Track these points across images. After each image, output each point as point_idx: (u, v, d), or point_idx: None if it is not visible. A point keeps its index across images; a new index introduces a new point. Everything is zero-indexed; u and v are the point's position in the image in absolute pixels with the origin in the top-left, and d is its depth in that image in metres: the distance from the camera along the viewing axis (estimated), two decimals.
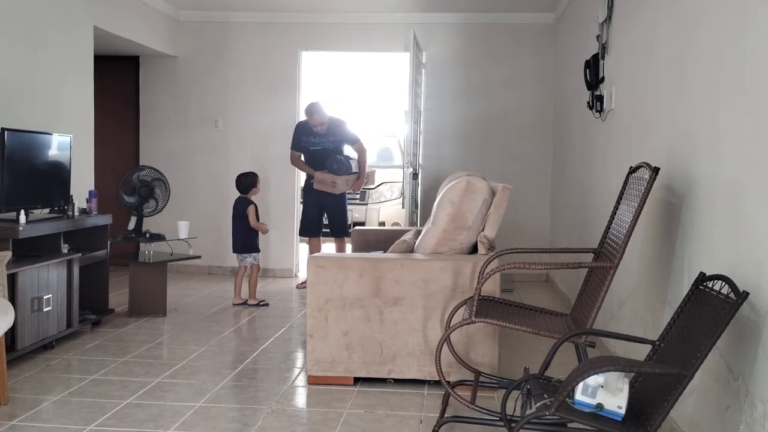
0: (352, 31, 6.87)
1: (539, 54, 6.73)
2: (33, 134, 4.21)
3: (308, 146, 6.16)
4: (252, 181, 5.50)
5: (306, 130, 6.15)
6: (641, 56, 3.53)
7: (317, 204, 6.23)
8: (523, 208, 6.58)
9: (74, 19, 5.16)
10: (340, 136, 6.19)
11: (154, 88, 7.02)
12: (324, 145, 6.12)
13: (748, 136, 2.23)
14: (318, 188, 6.06)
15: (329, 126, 6.11)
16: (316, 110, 6.05)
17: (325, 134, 6.08)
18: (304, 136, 6.17)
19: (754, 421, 2.09)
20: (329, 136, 6.11)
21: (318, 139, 6.12)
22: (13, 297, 3.65)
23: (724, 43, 2.47)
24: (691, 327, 2.21)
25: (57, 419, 3.03)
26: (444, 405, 3.02)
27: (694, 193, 2.69)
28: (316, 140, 6.13)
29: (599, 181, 4.44)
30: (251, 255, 5.48)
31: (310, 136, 6.12)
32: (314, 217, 6.28)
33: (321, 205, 6.25)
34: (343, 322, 3.45)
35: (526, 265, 2.79)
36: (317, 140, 6.12)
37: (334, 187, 6.02)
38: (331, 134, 6.11)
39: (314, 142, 6.15)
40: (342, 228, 6.30)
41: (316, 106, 6.05)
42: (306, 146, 6.18)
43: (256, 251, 5.51)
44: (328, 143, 6.13)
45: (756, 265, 2.13)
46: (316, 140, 6.13)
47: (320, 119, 6.02)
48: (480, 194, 3.50)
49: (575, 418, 2.06)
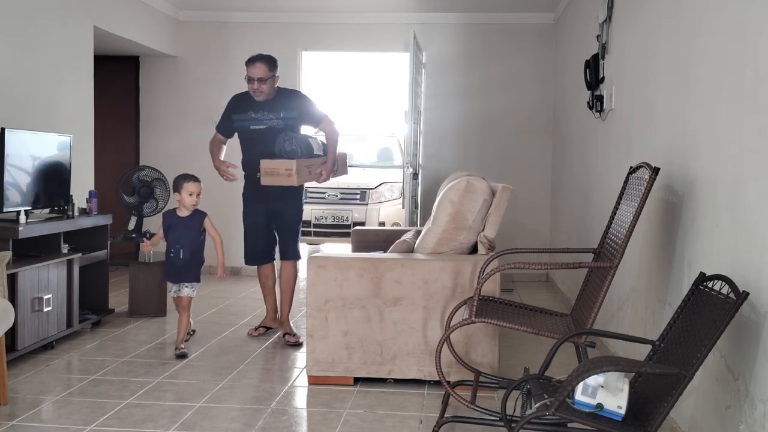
0: (352, 31, 6.87)
1: (539, 54, 6.73)
2: (33, 134, 4.20)
3: (246, 125, 4.29)
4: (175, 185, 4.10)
5: (244, 103, 4.33)
6: (641, 56, 3.53)
7: (265, 214, 4.39)
8: (523, 208, 6.58)
9: (74, 19, 5.15)
10: (297, 112, 4.31)
11: (154, 88, 7.02)
12: (271, 123, 4.26)
13: (748, 135, 2.23)
14: (267, 183, 4.10)
15: (280, 96, 4.31)
16: (260, 57, 4.19)
17: (272, 106, 4.26)
18: (240, 112, 4.32)
19: (754, 422, 2.09)
20: (278, 109, 4.26)
21: (261, 114, 4.27)
22: (13, 297, 3.65)
23: (724, 43, 2.47)
24: (691, 327, 2.20)
25: (57, 419, 3.03)
26: (444, 405, 3.02)
27: (694, 193, 2.68)
28: (258, 116, 4.27)
29: (599, 181, 4.44)
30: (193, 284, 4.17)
31: (250, 110, 4.28)
32: (262, 234, 4.44)
33: (271, 215, 4.40)
34: (343, 322, 3.45)
35: (526, 265, 2.79)
36: (260, 116, 4.27)
37: (290, 178, 4.04)
38: (282, 107, 4.27)
39: (256, 119, 4.27)
40: (291, 244, 4.46)
41: (266, 56, 4.24)
42: (243, 126, 4.31)
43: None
44: (276, 120, 4.26)
45: (756, 265, 2.13)
46: (259, 116, 4.27)
47: (263, 71, 4.16)
48: (480, 194, 3.50)
49: (575, 418, 2.06)
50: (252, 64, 4.19)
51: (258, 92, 4.20)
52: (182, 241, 4.03)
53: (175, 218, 4.08)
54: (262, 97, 4.23)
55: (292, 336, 4.37)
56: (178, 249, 4.04)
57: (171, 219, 4.09)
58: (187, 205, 4.04)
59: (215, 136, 4.51)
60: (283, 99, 4.32)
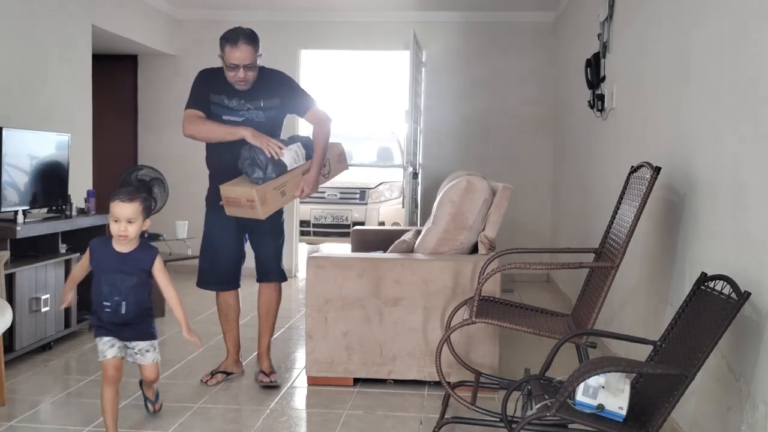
0: (352, 30, 6.85)
1: (540, 53, 6.72)
2: (31, 133, 4.19)
3: (218, 113, 3.38)
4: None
5: (218, 83, 3.37)
6: (642, 55, 3.51)
7: (237, 225, 3.48)
8: (523, 207, 6.57)
9: (73, 17, 5.14)
10: (278, 99, 3.41)
11: (152, 87, 7.01)
12: (249, 116, 3.38)
13: (749, 135, 2.22)
14: (232, 214, 3.33)
15: (260, 80, 3.38)
16: (245, 37, 3.25)
17: (251, 93, 3.37)
18: (214, 93, 3.38)
19: (755, 422, 2.08)
20: (258, 96, 3.37)
21: (237, 103, 3.36)
22: (11, 297, 3.63)
23: (725, 42, 2.45)
24: (692, 327, 2.19)
25: (55, 420, 3.02)
26: (444, 406, 3.00)
27: (695, 193, 2.67)
28: (233, 104, 3.37)
29: (600, 181, 4.43)
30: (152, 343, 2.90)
31: (224, 94, 3.36)
32: (229, 251, 3.51)
33: (244, 226, 3.49)
34: (342, 323, 3.44)
35: (527, 265, 2.77)
36: (235, 105, 3.37)
37: (253, 210, 3.23)
38: (262, 94, 3.38)
39: (230, 108, 3.37)
40: (273, 263, 3.57)
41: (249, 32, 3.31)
42: (215, 113, 3.39)
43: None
44: (255, 112, 3.38)
45: (757, 264, 2.12)
46: (234, 104, 3.37)
47: (250, 54, 3.26)
48: (480, 194, 3.48)
49: (576, 419, 2.04)
50: (234, 46, 3.22)
51: (243, 82, 3.29)
52: (121, 288, 2.69)
53: (109, 254, 2.71)
54: (246, 87, 3.33)
55: (267, 375, 3.48)
56: (118, 302, 2.69)
57: (103, 255, 2.71)
58: (113, 233, 2.67)
59: (191, 113, 3.37)
60: (264, 83, 3.38)
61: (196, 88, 3.42)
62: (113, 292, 2.69)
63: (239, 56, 3.24)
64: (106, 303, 2.70)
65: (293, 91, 3.48)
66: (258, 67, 3.35)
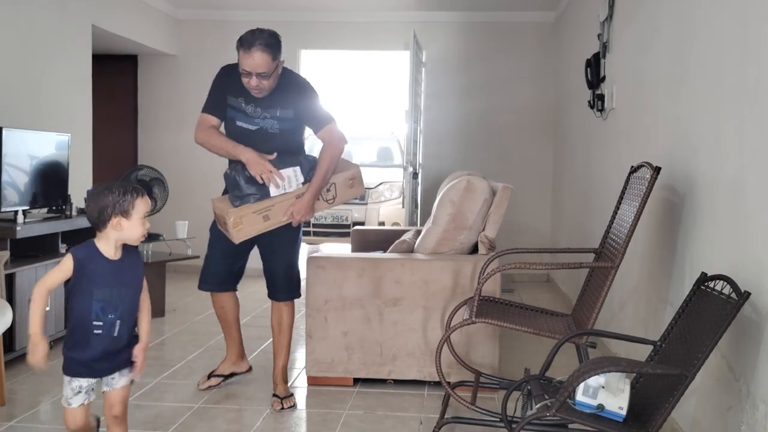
0: (352, 30, 6.86)
1: (540, 53, 6.72)
2: (31, 133, 4.19)
3: (233, 116, 3.20)
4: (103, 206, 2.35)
5: (237, 85, 3.14)
6: (642, 55, 3.51)
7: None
8: (523, 207, 6.57)
9: (72, 17, 5.14)
10: (293, 110, 3.17)
11: (152, 87, 7.01)
12: (264, 124, 3.17)
13: (749, 134, 2.21)
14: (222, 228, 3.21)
15: (279, 87, 3.15)
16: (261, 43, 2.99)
17: (269, 100, 3.14)
18: (232, 95, 3.18)
19: (755, 422, 2.08)
20: (275, 104, 3.14)
21: (252, 109, 3.16)
22: (11, 297, 3.64)
23: (725, 42, 2.45)
24: (692, 327, 2.19)
25: (55, 420, 3.01)
26: (444, 406, 3.00)
27: (695, 193, 2.67)
28: (249, 110, 3.16)
29: (600, 181, 4.42)
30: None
31: (242, 97, 3.16)
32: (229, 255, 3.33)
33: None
34: (342, 323, 3.44)
35: (527, 265, 2.77)
36: (251, 111, 3.16)
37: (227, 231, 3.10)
38: (280, 102, 3.14)
39: (245, 113, 3.17)
40: (284, 279, 3.31)
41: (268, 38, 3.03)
42: (230, 116, 3.21)
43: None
44: (270, 121, 3.16)
45: (758, 265, 2.12)
46: (250, 110, 3.16)
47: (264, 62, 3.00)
48: (480, 194, 3.48)
49: (576, 418, 2.04)
50: (247, 52, 2.99)
51: (257, 90, 3.07)
52: (117, 304, 2.24)
53: (101, 264, 2.27)
54: (262, 95, 3.11)
55: (280, 402, 3.21)
56: (112, 321, 2.22)
57: (96, 266, 2.27)
58: (137, 237, 2.32)
59: (205, 120, 3.19)
60: (282, 91, 3.15)
61: (213, 90, 3.26)
62: (107, 308, 2.22)
63: (252, 64, 3.00)
64: (98, 323, 2.21)
65: (309, 107, 3.20)
66: (281, 70, 3.12)
